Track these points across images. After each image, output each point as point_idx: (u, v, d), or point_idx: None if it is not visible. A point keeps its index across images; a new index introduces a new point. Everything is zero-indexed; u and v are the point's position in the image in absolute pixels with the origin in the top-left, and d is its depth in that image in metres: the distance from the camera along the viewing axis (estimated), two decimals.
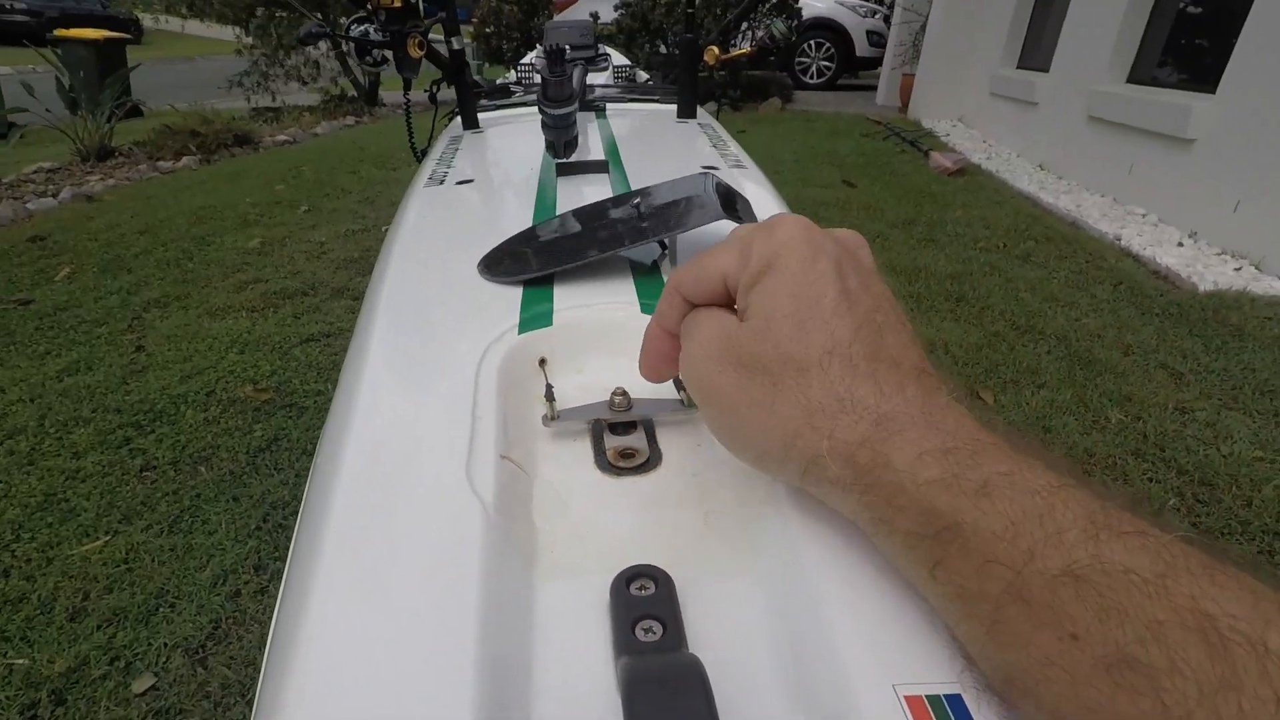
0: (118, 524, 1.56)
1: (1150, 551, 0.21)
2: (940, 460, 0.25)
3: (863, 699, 0.25)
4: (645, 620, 0.30)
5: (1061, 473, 0.24)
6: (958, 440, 0.25)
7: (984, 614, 0.24)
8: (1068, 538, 0.22)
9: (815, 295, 0.29)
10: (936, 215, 3.74)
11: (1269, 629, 0.18)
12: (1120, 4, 4.06)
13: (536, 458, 0.41)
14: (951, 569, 0.25)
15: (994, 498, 0.23)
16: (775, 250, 0.30)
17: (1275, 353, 2.25)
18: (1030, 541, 0.22)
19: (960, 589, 0.25)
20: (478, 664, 0.27)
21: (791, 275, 0.29)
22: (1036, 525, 0.22)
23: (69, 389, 2.09)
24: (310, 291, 2.78)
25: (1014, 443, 0.26)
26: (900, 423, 0.26)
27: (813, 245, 0.30)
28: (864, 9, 9.10)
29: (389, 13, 0.95)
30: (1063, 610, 0.21)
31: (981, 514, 0.23)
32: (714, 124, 1.25)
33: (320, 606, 0.30)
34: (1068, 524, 0.22)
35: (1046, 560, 0.22)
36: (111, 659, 1.25)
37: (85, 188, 4.27)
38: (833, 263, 0.30)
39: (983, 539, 0.23)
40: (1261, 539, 1.48)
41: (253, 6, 7.18)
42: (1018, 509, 0.23)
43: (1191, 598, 0.19)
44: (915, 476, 0.25)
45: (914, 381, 0.28)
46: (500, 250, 0.61)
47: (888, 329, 0.29)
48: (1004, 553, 0.23)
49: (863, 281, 0.30)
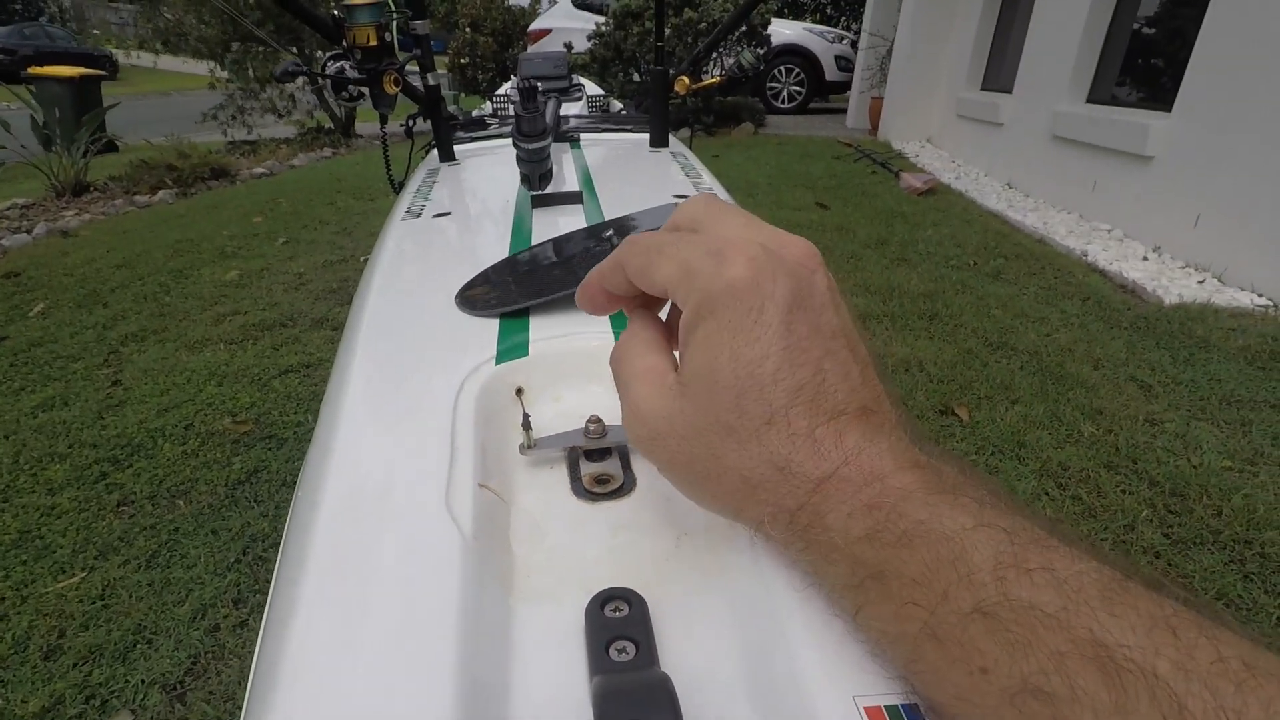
0: (94, 560, 1.54)
1: (1054, 586, 0.22)
2: (866, 516, 0.26)
3: (825, 710, 0.26)
4: (619, 641, 0.30)
5: (984, 506, 0.25)
6: (885, 492, 0.26)
7: (904, 654, 0.26)
8: (978, 578, 0.23)
9: (756, 358, 0.28)
10: (908, 235, 3.80)
11: (1159, 657, 0.20)
12: (1077, 26, 4.19)
13: (514, 485, 0.42)
14: (873, 614, 0.27)
15: (914, 546, 0.25)
16: (720, 293, 0.28)
17: (1240, 363, 2.30)
18: (944, 584, 0.24)
19: (882, 631, 0.26)
20: (457, 687, 0.27)
21: (732, 332, 0.28)
22: (950, 569, 0.24)
23: (44, 425, 2.06)
24: (289, 323, 2.77)
25: (942, 479, 0.27)
26: (836, 482, 0.27)
27: (760, 293, 0.28)
28: (832, 35, 9.29)
29: (365, 51, 0.97)
30: (973, 646, 0.23)
31: (902, 562, 0.25)
32: (686, 153, 1.27)
33: (303, 633, 0.31)
34: (978, 565, 0.23)
35: (958, 600, 0.23)
36: (87, 697, 1.24)
37: (60, 223, 4.23)
38: (780, 312, 0.28)
39: (902, 584, 0.25)
40: (1232, 548, 1.51)
41: (228, 42, 7.20)
42: (933, 555, 0.24)
43: (1090, 630, 0.21)
44: (846, 534, 0.27)
45: (855, 428, 0.28)
46: (477, 282, 0.63)
47: (833, 375, 0.29)
48: (920, 596, 0.24)
49: (813, 322, 0.29)
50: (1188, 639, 0.20)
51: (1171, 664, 0.20)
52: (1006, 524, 0.24)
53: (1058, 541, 0.24)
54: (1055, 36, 4.46)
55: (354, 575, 0.33)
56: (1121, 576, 0.23)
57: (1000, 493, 0.27)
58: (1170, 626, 0.20)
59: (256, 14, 6.57)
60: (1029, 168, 4.71)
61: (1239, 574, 1.45)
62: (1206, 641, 0.20)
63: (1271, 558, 1.47)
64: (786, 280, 0.28)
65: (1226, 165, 3.02)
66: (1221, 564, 1.47)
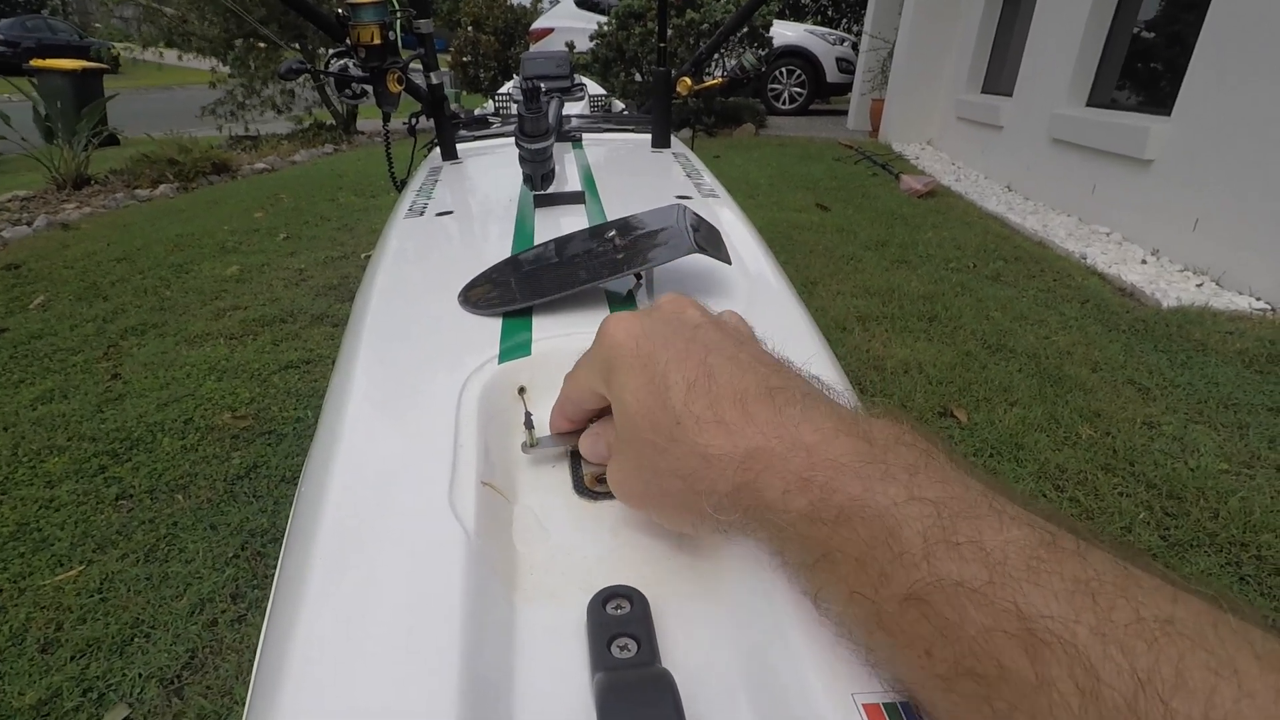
0: (92, 553, 1.54)
1: (980, 559, 0.23)
2: (802, 491, 0.27)
3: (824, 708, 0.27)
4: (621, 638, 0.31)
5: (915, 474, 0.26)
6: (814, 464, 0.27)
7: (860, 639, 0.26)
8: (909, 558, 0.24)
9: (648, 380, 0.32)
10: (908, 237, 3.81)
11: (1078, 623, 0.20)
12: (1077, 30, 4.19)
13: (516, 484, 0.43)
14: (828, 598, 0.27)
15: (851, 524, 0.25)
16: (608, 359, 0.34)
17: (1237, 367, 2.31)
18: (881, 565, 0.24)
19: (839, 615, 0.27)
20: (461, 683, 0.28)
21: (626, 374, 0.33)
22: (884, 548, 0.24)
23: (43, 417, 2.07)
24: (289, 319, 2.78)
25: (873, 446, 0.27)
26: (762, 457, 0.28)
27: (634, 336, 0.34)
28: (833, 37, 9.29)
29: (368, 49, 0.97)
30: (913, 631, 0.23)
31: (844, 541, 0.25)
32: (688, 153, 1.28)
33: (307, 630, 0.31)
34: (909, 542, 0.24)
35: (895, 583, 0.24)
36: (84, 690, 1.24)
37: (61, 216, 4.23)
38: (657, 343, 0.33)
39: (847, 566, 0.25)
40: (1228, 550, 1.52)
41: (230, 39, 7.19)
42: (869, 533, 0.25)
43: (1013, 602, 0.21)
44: (788, 511, 0.27)
45: (763, 405, 0.30)
46: (480, 281, 0.63)
47: (721, 367, 0.31)
48: (862, 581, 0.25)
49: (689, 337, 0.33)
50: (1106, 601, 0.21)
51: (1089, 630, 0.20)
52: (936, 494, 0.25)
53: (988, 509, 0.24)
54: (1056, 40, 4.47)
55: (357, 572, 0.34)
56: (1050, 538, 0.23)
57: (935, 449, 0.27)
58: (1091, 590, 0.21)
59: (261, 11, 6.57)
60: (1029, 170, 4.72)
61: (1235, 576, 1.45)
62: (1125, 602, 0.21)
63: (1268, 560, 1.48)
64: (656, 321, 0.35)
65: (1225, 169, 3.02)
66: (1218, 566, 1.48)
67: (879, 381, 2.26)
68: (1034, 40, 4.84)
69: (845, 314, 2.77)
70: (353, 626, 0.31)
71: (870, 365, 2.36)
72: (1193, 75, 3.24)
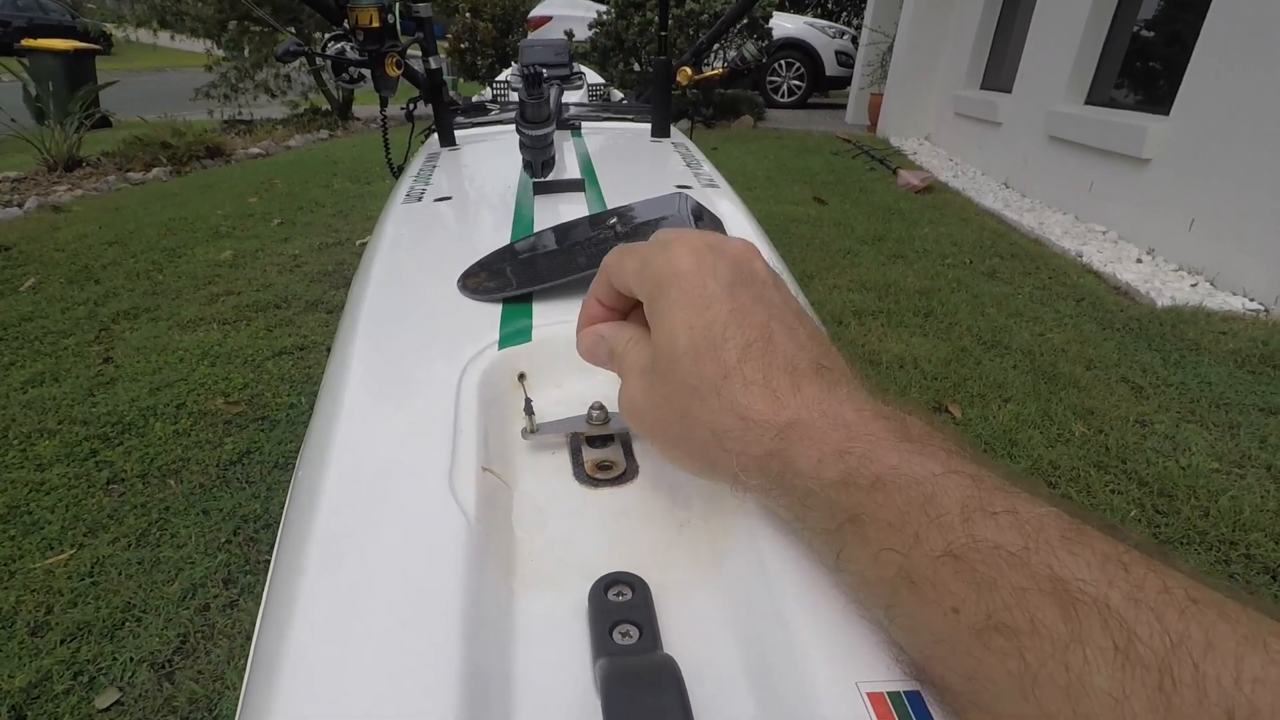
0: (83, 537, 1.53)
1: (1016, 527, 0.23)
2: (838, 460, 0.27)
3: (827, 696, 0.26)
4: (622, 624, 0.31)
5: (950, 455, 0.27)
6: (853, 438, 0.28)
7: (883, 598, 0.27)
8: (946, 520, 0.24)
9: (705, 324, 0.31)
10: (905, 232, 3.81)
11: (1111, 588, 0.21)
12: (1077, 28, 4.19)
13: (517, 470, 0.43)
14: (852, 557, 0.28)
15: (886, 490, 0.26)
16: (668, 275, 0.33)
17: (1230, 366, 2.32)
18: (915, 527, 0.25)
19: (860, 576, 0.28)
20: (461, 670, 0.28)
21: (683, 305, 0.32)
22: (921, 512, 0.25)
23: (33, 400, 2.05)
24: (283, 304, 2.76)
25: (908, 428, 0.28)
26: (801, 429, 0.29)
27: (701, 270, 0.32)
28: (833, 30, 9.27)
29: (366, 33, 0.96)
30: (944, 587, 0.24)
31: (876, 506, 0.26)
32: (687, 143, 1.27)
33: (304, 616, 0.30)
34: (946, 508, 0.25)
35: (930, 543, 0.24)
36: (75, 674, 1.23)
37: (52, 198, 4.20)
38: (722, 285, 0.32)
39: (877, 528, 0.26)
40: (1218, 549, 1.53)
41: (225, 21, 7.12)
42: (905, 499, 0.25)
43: (1049, 566, 0.22)
44: (819, 479, 0.28)
45: (811, 381, 0.30)
46: (479, 267, 0.62)
47: (780, 335, 0.31)
48: (894, 540, 0.25)
49: (755, 294, 0.33)
50: (1137, 574, 0.22)
51: (1123, 595, 0.21)
52: (972, 471, 0.26)
53: (1020, 489, 0.25)
54: (1055, 37, 4.46)
55: (356, 558, 0.33)
56: (1079, 521, 0.24)
57: (965, 444, 0.28)
58: (1122, 563, 0.22)
59: None
60: (1026, 167, 4.72)
61: (1225, 574, 1.46)
62: (1154, 576, 0.21)
63: (1256, 559, 1.49)
64: (726, 262, 0.33)
65: (1222, 170, 3.03)
66: (1208, 564, 1.49)
67: (875, 376, 2.26)
68: (1034, 37, 4.84)
69: (841, 308, 2.77)
70: (351, 613, 0.30)
71: (866, 360, 2.36)
72: (1192, 75, 3.24)
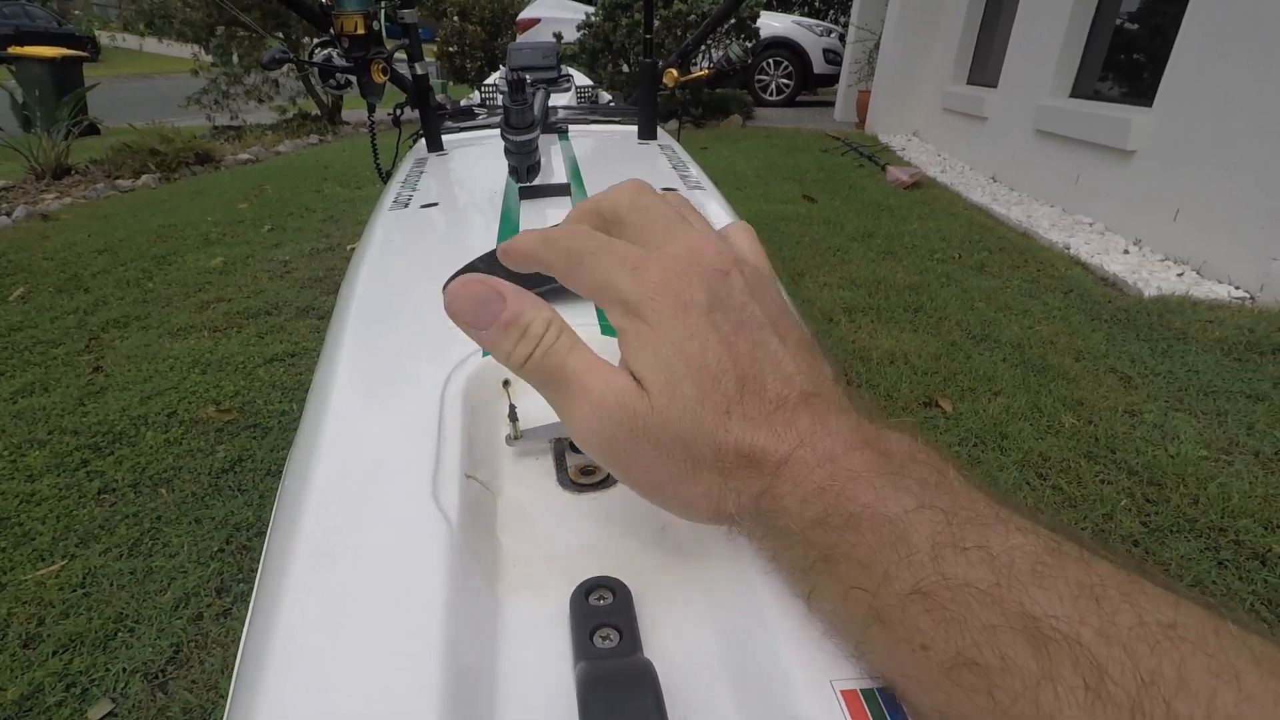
0: (74, 548, 1.53)
1: (987, 563, 0.23)
2: (818, 500, 0.27)
3: (803, 694, 0.27)
4: (603, 628, 0.31)
5: (926, 486, 0.26)
6: (835, 475, 0.27)
7: (854, 635, 0.27)
8: (916, 559, 0.24)
9: (699, 351, 0.28)
10: (894, 228, 3.82)
11: (1083, 625, 0.21)
12: (1061, 22, 4.21)
13: (500, 476, 0.43)
14: (823, 597, 0.27)
15: (859, 529, 0.25)
16: (643, 299, 0.29)
17: (1217, 355, 2.34)
18: (886, 565, 0.25)
19: (832, 614, 0.27)
20: (443, 675, 0.28)
21: (667, 330, 0.29)
22: (891, 551, 0.25)
23: (23, 410, 2.05)
24: (274, 311, 2.76)
25: (890, 459, 0.27)
26: (793, 466, 0.28)
27: (680, 297, 0.29)
28: (820, 28, 9.28)
29: (352, 39, 0.96)
30: (913, 625, 0.24)
31: (850, 545, 0.26)
32: (674, 145, 1.28)
33: (289, 622, 0.31)
34: (917, 546, 0.24)
35: (899, 581, 0.24)
36: (67, 685, 1.23)
37: (40, 206, 4.18)
38: (701, 313, 0.29)
39: (849, 567, 0.26)
40: (1207, 535, 1.54)
41: (212, 26, 7.10)
42: (876, 538, 0.25)
43: (1020, 603, 0.22)
44: (800, 518, 0.27)
45: (805, 412, 0.29)
46: (464, 273, 0.63)
47: (767, 367, 0.29)
48: (864, 578, 0.25)
49: (735, 321, 0.30)
50: (1110, 606, 0.21)
51: (1094, 631, 0.21)
52: (946, 504, 0.25)
53: (995, 519, 0.25)
54: (1040, 31, 4.48)
55: (340, 564, 0.34)
56: (1055, 546, 0.24)
57: (949, 465, 0.28)
58: (1095, 595, 0.22)
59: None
60: (1013, 161, 4.74)
61: (1214, 561, 1.48)
62: (1129, 607, 0.21)
63: (1245, 545, 1.50)
64: (700, 284, 0.29)
65: (1205, 160, 3.05)
66: (1197, 551, 1.50)
67: (865, 372, 2.27)
68: (1019, 32, 4.86)
69: (831, 305, 2.78)
70: (335, 618, 0.31)
71: (856, 356, 2.37)
72: (1173, 66, 3.26)
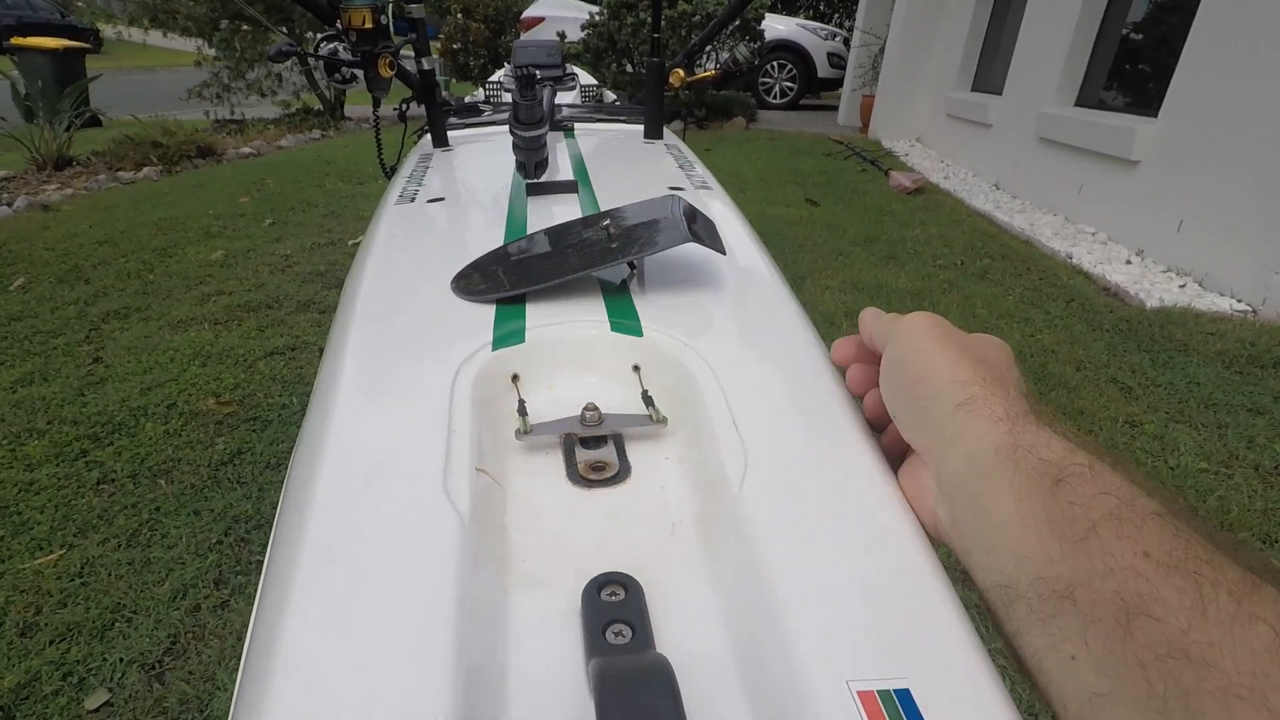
0: (73, 538, 1.52)
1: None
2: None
3: (819, 694, 0.27)
4: (615, 624, 0.31)
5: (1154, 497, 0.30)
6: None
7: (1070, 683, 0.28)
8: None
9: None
10: (897, 233, 3.82)
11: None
12: (1067, 31, 4.21)
13: (510, 471, 0.43)
14: (1050, 656, 0.28)
15: (1137, 622, 0.26)
16: (900, 329, 0.43)
17: (1218, 367, 2.34)
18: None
19: (1055, 674, 0.28)
20: (455, 669, 0.28)
21: (928, 341, 0.40)
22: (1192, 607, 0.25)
23: (23, 400, 2.04)
24: (275, 305, 2.75)
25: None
26: (1022, 424, 0.33)
27: (931, 332, 0.41)
28: (825, 32, 9.29)
29: (359, 33, 0.96)
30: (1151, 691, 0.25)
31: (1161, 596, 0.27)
32: (680, 145, 1.28)
33: (297, 616, 0.31)
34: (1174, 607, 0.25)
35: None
36: (64, 675, 1.23)
37: (42, 197, 4.17)
38: (942, 336, 0.41)
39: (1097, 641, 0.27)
40: None
41: (216, 20, 7.09)
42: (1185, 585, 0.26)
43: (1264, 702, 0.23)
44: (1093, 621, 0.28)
45: (1021, 407, 0.35)
46: (472, 268, 0.63)
47: (992, 373, 0.38)
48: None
49: (974, 352, 0.40)
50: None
51: None
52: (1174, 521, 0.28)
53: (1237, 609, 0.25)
54: (1045, 40, 4.49)
55: (350, 558, 0.33)
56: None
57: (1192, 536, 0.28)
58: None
59: None
60: (1017, 169, 4.74)
61: None
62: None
63: None
64: (943, 324, 0.41)
65: (1210, 171, 3.05)
66: None
67: None
68: (1024, 39, 4.86)
69: (834, 309, 2.78)
70: (344, 612, 0.31)
71: None
72: (1180, 77, 3.26)
